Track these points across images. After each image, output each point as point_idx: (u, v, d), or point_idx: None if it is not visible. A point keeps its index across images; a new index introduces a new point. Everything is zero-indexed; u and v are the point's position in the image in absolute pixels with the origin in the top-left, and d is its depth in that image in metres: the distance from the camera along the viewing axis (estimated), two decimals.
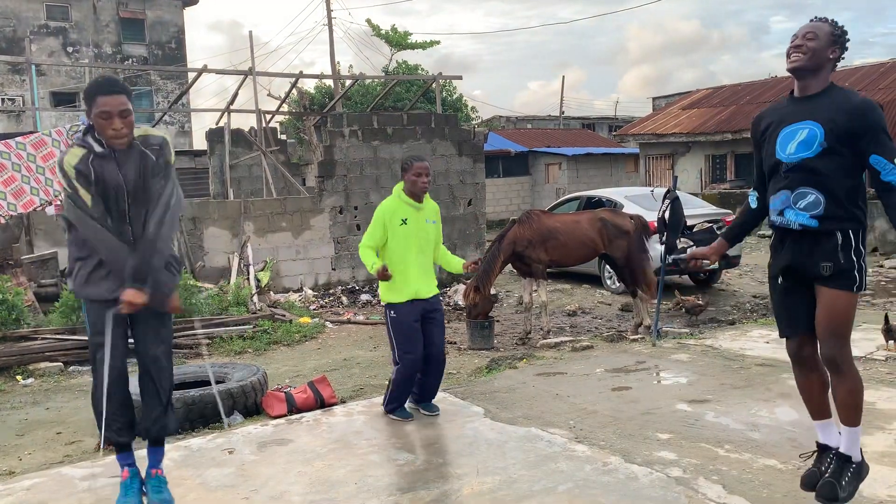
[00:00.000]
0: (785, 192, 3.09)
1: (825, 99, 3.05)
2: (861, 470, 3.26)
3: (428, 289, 4.96)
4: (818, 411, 3.32)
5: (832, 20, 3.11)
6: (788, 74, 3.17)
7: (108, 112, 3.20)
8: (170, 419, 3.59)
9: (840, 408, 3.19)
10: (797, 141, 3.04)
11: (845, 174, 3.00)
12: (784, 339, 3.33)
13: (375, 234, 4.89)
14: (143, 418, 3.54)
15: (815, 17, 3.15)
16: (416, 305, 4.87)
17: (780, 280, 3.24)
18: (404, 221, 4.87)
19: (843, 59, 3.15)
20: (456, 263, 5.17)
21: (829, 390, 3.27)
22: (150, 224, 3.34)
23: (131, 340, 3.53)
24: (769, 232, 3.31)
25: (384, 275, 4.69)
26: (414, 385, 5.00)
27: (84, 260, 3.42)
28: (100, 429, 3.49)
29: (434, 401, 5.10)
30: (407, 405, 5.05)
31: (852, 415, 3.16)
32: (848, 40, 3.10)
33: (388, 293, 4.90)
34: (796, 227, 3.06)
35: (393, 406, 4.99)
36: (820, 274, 3.05)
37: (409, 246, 4.88)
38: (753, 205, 3.39)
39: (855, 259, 3.03)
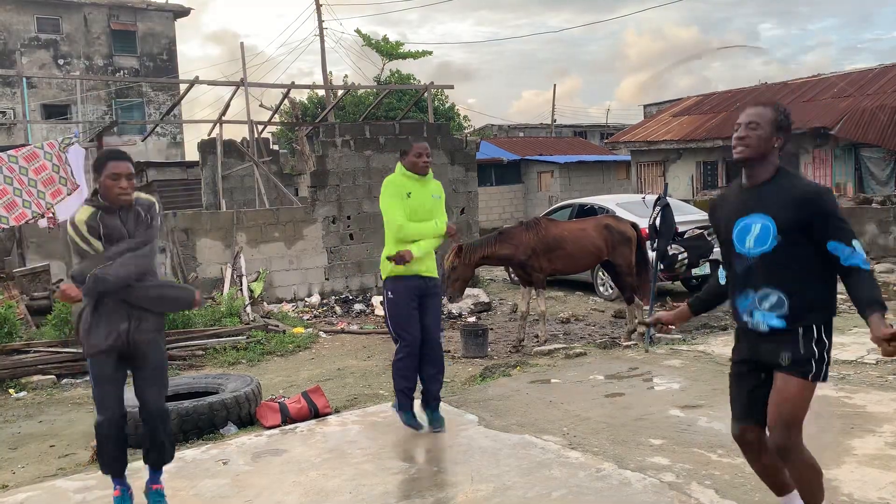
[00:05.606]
0: (749, 291, 3.04)
1: (773, 188, 2.97)
2: None
3: (427, 267, 4.91)
4: (777, 489, 3.23)
5: (776, 104, 3.02)
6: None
7: (118, 174, 3.64)
8: (167, 453, 3.87)
9: (798, 490, 3.11)
10: (752, 236, 2.98)
11: (807, 262, 2.94)
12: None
13: (402, 205, 4.82)
14: (145, 448, 3.85)
15: (760, 103, 3.05)
16: (413, 284, 4.82)
17: (740, 365, 3.21)
18: (409, 195, 4.86)
19: (789, 141, 3.04)
20: (441, 224, 5.14)
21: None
22: (116, 262, 3.62)
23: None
24: None
25: (402, 257, 4.70)
26: (416, 369, 4.91)
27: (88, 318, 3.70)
28: (99, 459, 3.85)
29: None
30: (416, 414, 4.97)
31: (811, 497, 3.08)
32: (791, 124, 3.03)
33: (389, 267, 4.85)
34: (765, 330, 3.02)
35: (400, 401, 4.90)
36: (779, 363, 3.00)
37: (412, 221, 4.84)
38: (722, 281, 3.31)
39: (816, 349, 2.95)
